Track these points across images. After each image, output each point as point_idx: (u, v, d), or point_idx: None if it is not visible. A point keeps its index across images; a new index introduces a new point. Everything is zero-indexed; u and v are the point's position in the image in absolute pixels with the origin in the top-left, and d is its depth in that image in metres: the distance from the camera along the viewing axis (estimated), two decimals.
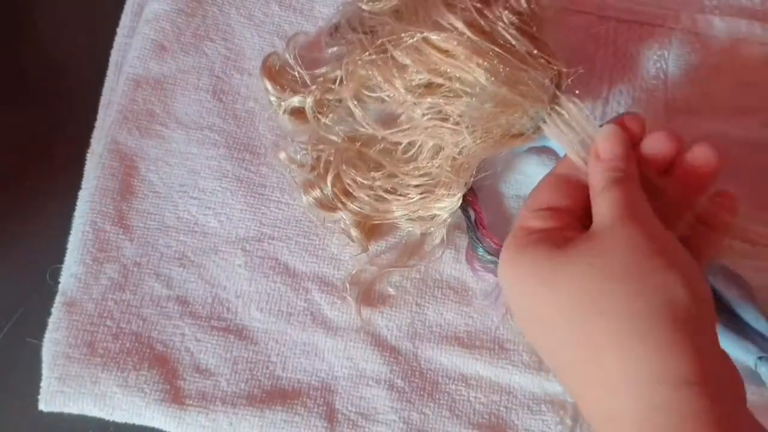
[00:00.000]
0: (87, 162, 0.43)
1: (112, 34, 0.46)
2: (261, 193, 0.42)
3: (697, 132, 0.44)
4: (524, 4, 0.36)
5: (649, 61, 0.47)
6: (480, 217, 0.40)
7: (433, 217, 0.40)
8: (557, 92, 0.35)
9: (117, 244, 0.40)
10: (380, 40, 0.37)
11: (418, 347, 0.39)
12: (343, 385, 0.38)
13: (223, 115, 0.44)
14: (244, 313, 0.39)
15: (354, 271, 0.40)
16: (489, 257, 0.39)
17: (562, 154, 0.40)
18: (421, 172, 0.39)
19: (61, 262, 0.40)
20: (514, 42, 0.35)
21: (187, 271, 0.40)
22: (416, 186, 0.39)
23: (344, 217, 0.40)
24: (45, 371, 0.37)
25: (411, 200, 0.39)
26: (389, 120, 0.39)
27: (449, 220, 0.40)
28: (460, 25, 0.34)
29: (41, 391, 0.37)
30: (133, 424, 0.37)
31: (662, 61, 0.47)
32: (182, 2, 0.46)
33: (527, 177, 0.43)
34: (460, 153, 0.37)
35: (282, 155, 0.42)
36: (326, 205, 0.40)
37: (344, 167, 0.39)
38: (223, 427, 0.37)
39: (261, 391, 0.38)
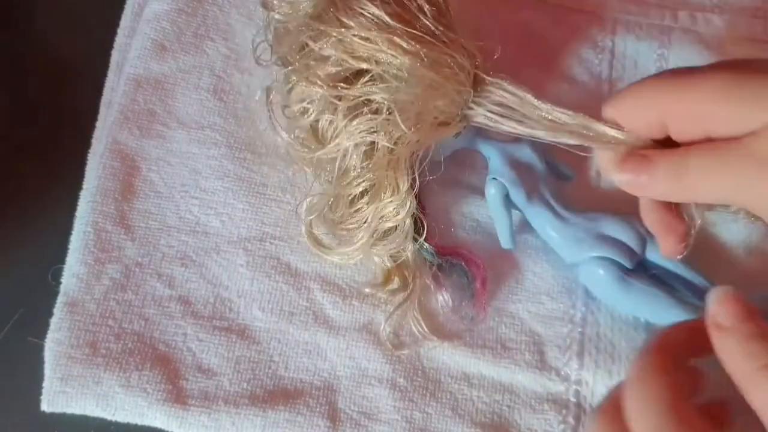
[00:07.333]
0: (88, 162, 0.42)
1: (112, 34, 0.46)
2: (262, 192, 0.42)
3: None
4: None
5: (649, 60, 0.47)
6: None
7: (393, 229, 0.38)
8: (481, 75, 0.35)
9: (119, 244, 0.40)
10: (301, 39, 0.37)
11: (420, 346, 0.39)
12: (345, 385, 0.38)
13: (224, 115, 0.44)
14: (246, 312, 0.39)
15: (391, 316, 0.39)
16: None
17: (489, 158, 0.40)
18: (361, 179, 0.37)
19: (64, 262, 0.40)
20: (433, 28, 0.35)
21: (188, 271, 0.40)
22: (361, 195, 0.37)
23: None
24: (47, 372, 0.37)
25: (364, 213, 0.37)
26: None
27: (410, 231, 0.38)
28: (381, 13, 0.35)
29: (44, 392, 0.37)
30: (135, 424, 0.37)
31: (662, 60, 0.47)
32: (182, 2, 0.46)
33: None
34: (395, 144, 0.36)
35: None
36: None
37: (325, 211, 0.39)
38: (226, 427, 0.37)
39: (263, 390, 0.38)
